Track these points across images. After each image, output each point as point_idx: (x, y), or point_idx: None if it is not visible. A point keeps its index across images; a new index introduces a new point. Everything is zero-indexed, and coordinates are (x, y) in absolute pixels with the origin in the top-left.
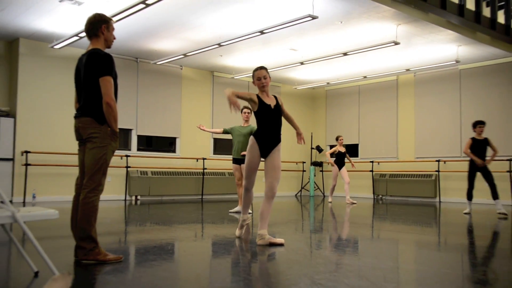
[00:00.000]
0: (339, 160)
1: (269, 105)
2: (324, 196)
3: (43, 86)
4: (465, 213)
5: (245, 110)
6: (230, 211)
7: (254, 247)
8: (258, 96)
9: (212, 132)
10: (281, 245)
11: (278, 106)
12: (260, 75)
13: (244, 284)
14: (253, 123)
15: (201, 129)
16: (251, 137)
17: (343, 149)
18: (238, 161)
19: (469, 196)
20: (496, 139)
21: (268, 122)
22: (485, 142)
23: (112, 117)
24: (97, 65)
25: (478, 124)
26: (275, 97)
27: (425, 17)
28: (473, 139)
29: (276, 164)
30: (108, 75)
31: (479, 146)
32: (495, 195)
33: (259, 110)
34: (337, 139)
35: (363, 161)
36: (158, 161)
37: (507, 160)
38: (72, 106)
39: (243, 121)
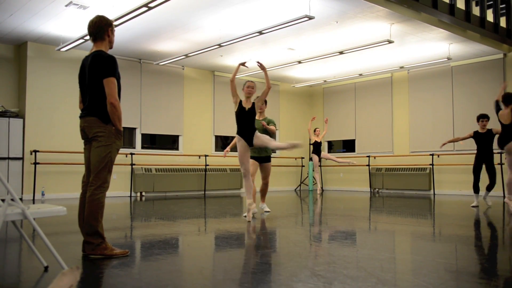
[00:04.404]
0: (316, 149)
1: (244, 108)
2: (322, 190)
3: (51, 88)
4: (473, 206)
5: (262, 106)
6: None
7: (255, 240)
8: (240, 101)
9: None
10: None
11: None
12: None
13: (246, 276)
14: (269, 114)
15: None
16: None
17: (319, 139)
18: (254, 157)
19: (476, 189)
20: (473, 130)
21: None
22: (490, 135)
23: (116, 116)
24: (101, 67)
25: (481, 118)
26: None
27: (417, 16)
28: (475, 132)
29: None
30: (112, 76)
31: (482, 140)
32: (489, 188)
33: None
34: (314, 131)
35: (359, 155)
36: (162, 159)
37: (498, 153)
38: (78, 106)
39: (257, 113)
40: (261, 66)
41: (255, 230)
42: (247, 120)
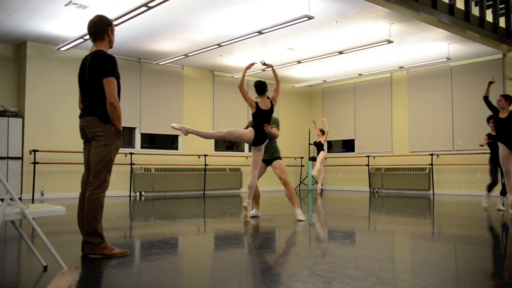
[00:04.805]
0: (318, 149)
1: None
2: (322, 190)
3: (50, 87)
4: (485, 208)
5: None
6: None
7: (255, 240)
8: (256, 103)
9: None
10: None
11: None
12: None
13: (245, 276)
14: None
15: None
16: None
17: (318, 140)
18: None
19: (489, 189)
20: (484, 133)
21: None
22: None
23: (116, 116)
24: (101, 66)
25: (490, 119)
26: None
27: (417, 16)
28: (488, 134)
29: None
30: (112, 76)
31: (495, 141)
32: (504, 191)
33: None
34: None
35: (359, 155)
36: (161, 158)
37: None
38: (77, 106)
39: None
40: (269, 65)
41: (255, 230)
42: (266, 121)
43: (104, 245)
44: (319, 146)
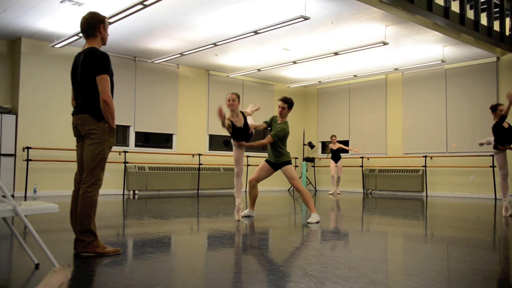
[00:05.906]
0: (334, 156)
1: (239, 127)
2: (316, 190)
3: (44, 84)
4: None
5: (280, 103)
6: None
7: (248, 240)
8: (231, 121)
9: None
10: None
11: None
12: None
13: (238, 275)
14: (264, 114)
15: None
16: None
17: (335, 147)
18: (268, 161)
19: None
20: (478, 135)
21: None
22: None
23: (109, 114)
24: (94, 64)
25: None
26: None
27: (412, 18)
28: None
29: None
30: (105, 73)
31: None
32: None
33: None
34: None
35: (353, 156)
36: (155, 157)
37: (490, 155)
38: (71, 104)
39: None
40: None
41: (248, 229)
42: (243, 136)
43: (97, 243)
44: (336, 153)
